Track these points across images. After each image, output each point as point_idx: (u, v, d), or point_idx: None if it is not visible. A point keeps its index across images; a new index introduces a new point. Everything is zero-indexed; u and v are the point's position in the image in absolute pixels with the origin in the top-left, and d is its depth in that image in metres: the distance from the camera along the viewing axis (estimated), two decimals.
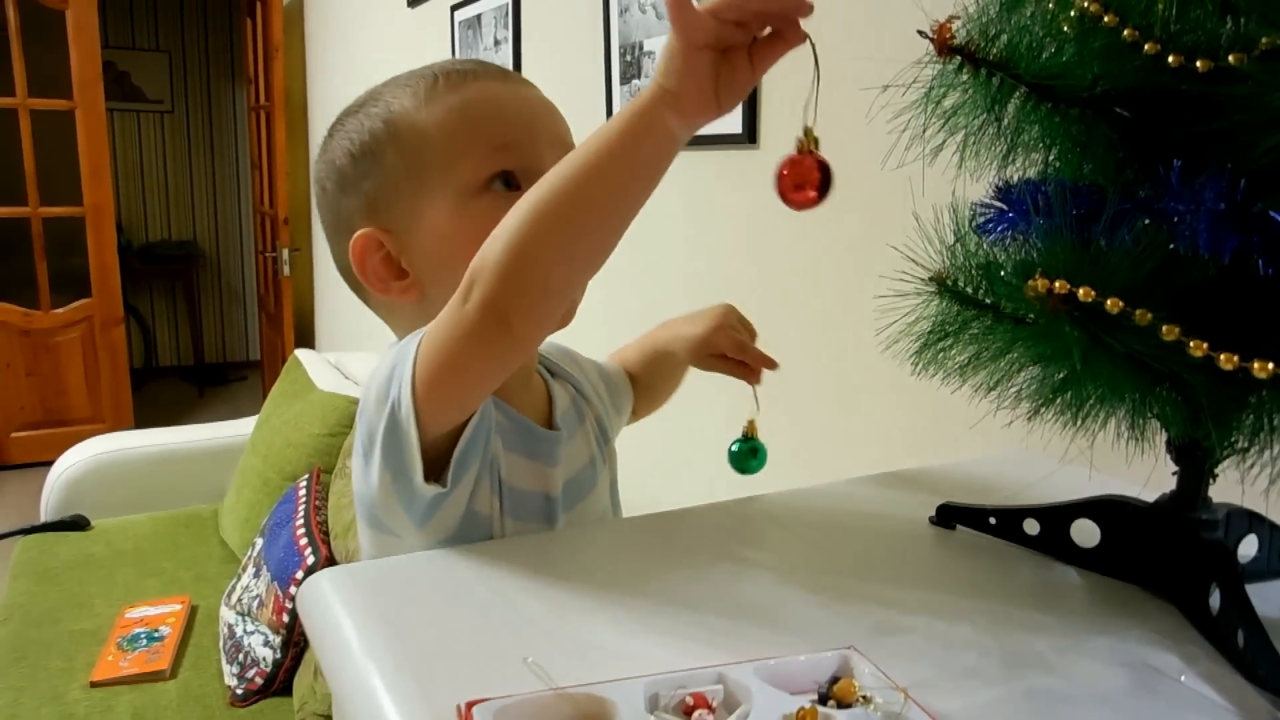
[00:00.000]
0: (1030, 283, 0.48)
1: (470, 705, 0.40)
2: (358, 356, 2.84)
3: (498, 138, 0.71)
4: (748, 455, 0.80)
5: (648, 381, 0.97)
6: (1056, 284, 0.46)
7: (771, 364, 0.86)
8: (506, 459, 0.72)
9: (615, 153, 0.55)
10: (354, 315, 3.54)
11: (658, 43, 1.69)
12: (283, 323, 4.03)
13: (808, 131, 0.55)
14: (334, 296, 3.93)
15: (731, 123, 1.50)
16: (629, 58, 1.79)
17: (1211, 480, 0.60)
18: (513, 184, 0.71)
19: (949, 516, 0.71)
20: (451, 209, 0.71)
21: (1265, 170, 0.41)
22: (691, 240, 1.64)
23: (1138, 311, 0.44)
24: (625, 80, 1.80)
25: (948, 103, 0.52)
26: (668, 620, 0.54)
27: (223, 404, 5.03)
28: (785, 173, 0.55)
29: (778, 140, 1.44)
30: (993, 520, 0.69)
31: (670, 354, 0.94)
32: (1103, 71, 0.48)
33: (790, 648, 0.48)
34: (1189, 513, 0.60)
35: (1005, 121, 0.52)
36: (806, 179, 0.54)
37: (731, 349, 0.86)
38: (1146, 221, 0.46)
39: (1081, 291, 0.45)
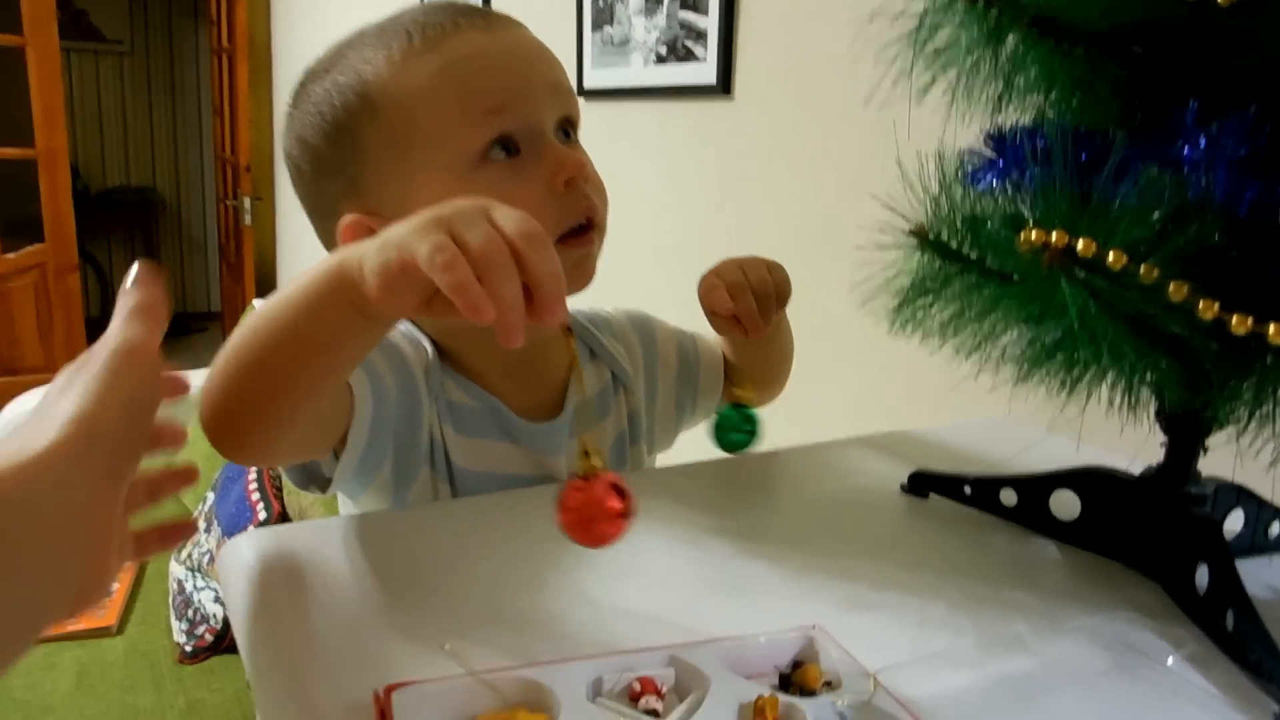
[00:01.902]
0: (1024, 235, 0.44)
1: (389, 690, 0.35)
2: None
3: (489, 100, 0.63)
4: (737, 427, 0.72)
5: (740, 364, 0.83)
6: (1054, 236, 0.42)
7: (755, 328, 0.70)
8: (466, 444, 0.68)
9: (294, 325, 0.47)
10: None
11: None
12: (244, 272, 3.93)
13: (588, 450, 0.45)
14: (297, 246, 3.83)
15: (705, 73, 1.45)
16: (601, 3, 1.72)
17: (1202, 453, 0.56)
18: (513, 149, 0.63)
19: (922, 485, 0.67)
20: (448, 188, 0.61)
21: None
22: (662, 195, 1.59)
23: (1143, 267, 0.40)
24: (597, 26, 1.73)
25: (940, 38, 0.47)
26: (616, 595, 0.50)
27: (183, 354, 4.91)
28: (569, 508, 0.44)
29: (753, 92, 1.38)
30: (968, 490, 0.66)
31: None
32: (1111, 4, 0.43)
33: (749, 626, 0.43)
34: (1177, 486, 0.56)
35: (1002, 60, 0.47)
36: (597, 511, 0.43)
37: (716, 305, 0.69)
38: (1155, 170, 0.41)
39: (1081, 244, 0.41)
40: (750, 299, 0.68)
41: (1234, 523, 0.60)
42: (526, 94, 0.64)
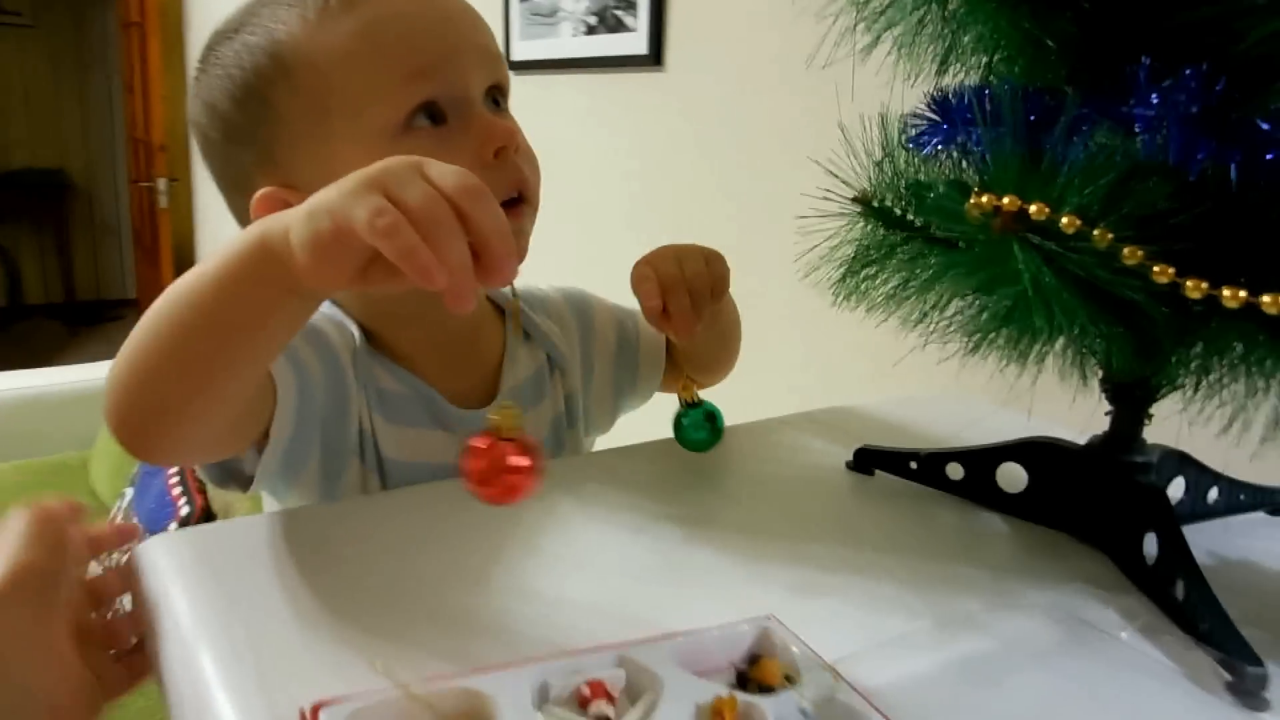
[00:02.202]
0: (973, 201, 0.42)
1: (316, 708, 0.32)
2: None
3: (411, 63, 0.58)
4: (702, 425, 0.66)
5: (681, 348, 0.78)
6: (1005, 200, 0.40)
7: (686, 327, 0.62)
8: (397, 433, 0.64)
9: (210, 306, 0.43)
10: None
11: None
12: (160, 257, 3.79)
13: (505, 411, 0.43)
14: (217, 228, 3.69)
15: (636, 43, 1.41)
16: None
17: (1146, 421, 0.56)
18: (439, 117, 0.59)
19: (867, 461, 0.66)
20: (369, 158, 0.57)
21: (1249, 67, 0.35)
22: (595, 170, 1.56)
23: (1097, 231, 0.39)
24: None
25: None
26: (559, 588, 0.48)
27: (98, 344, 4.74)
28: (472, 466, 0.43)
29: (686, 61, 1.36)
30: (914, 465, 0.65)
31: None
32: None
33: (700, 616, 0.41)
34: (1122, 455, 0.56)
35: (946, 17, 0.45)
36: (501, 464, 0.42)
37: (646, 298, 0.62)
38: (1107, 129, 0.40)
39: (1034, 208, 0.40)
40: (683, 296, 0.62)
41: (1176, 490, 0.60)
42: (453, 58, 0.60)
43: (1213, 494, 0.62)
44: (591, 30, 1.52)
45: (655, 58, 1.39)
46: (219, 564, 0.49)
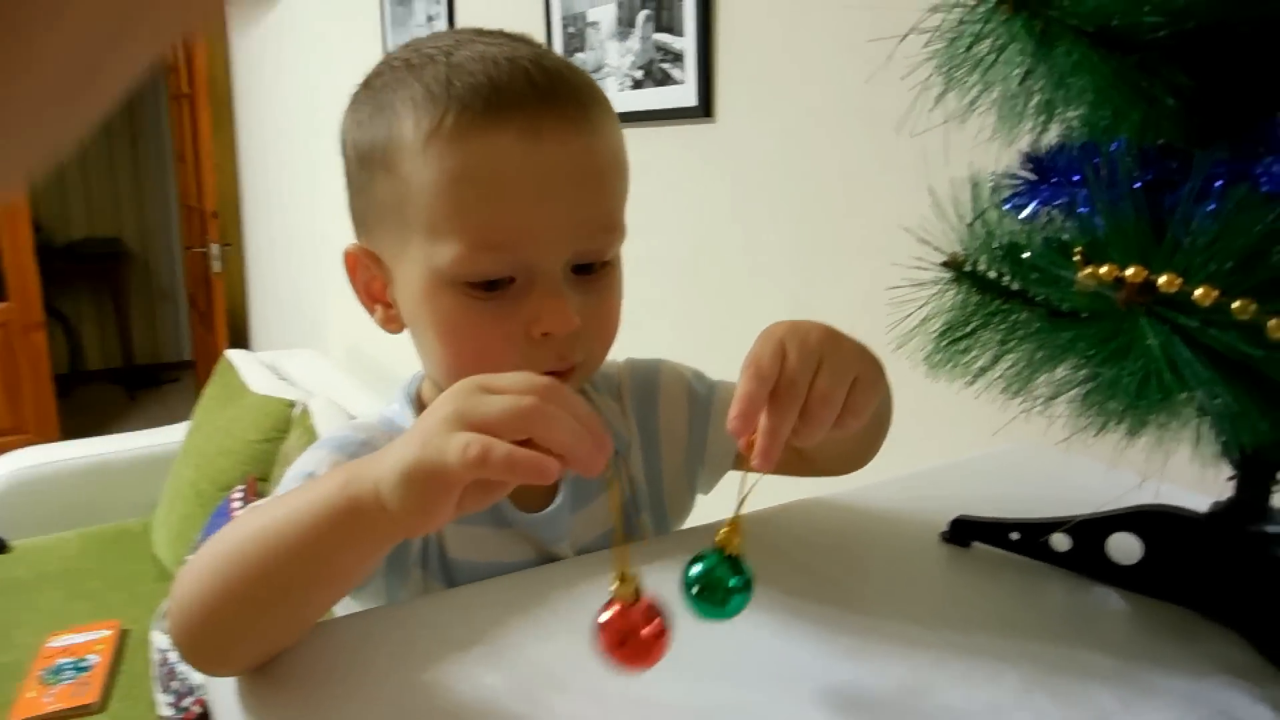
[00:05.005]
0: (1092, 269, 0.39)
1: None
2: (294, 354, 2.70)
3: (488, 232, 0.54)
4: (718, 585, 0.44)
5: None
6: (1130, 271, 0.37)
7: (764, 457, 0.45)
8: (460, 534, 0.62)
9: (301, 561, 0.44)
10: (290, 311, 3.38)
11: (602, 12, 1.58)
12: (215, 321, 3.85)
13: (625, 577, 0.41)
14: (268, 292, 3.75)
15: (685, 95, 1.40)
16: (572, 29, 1.67)
17: (1276, 488, 0.52)
18: (501, 285, 0.56)
19: (965, 533, 0.62)
20: (421, 281, 0.57)
21: None
22: (647, 223, 1.54)
23: (1237, 303, 0.36)
24: (569, 54, 1.69)
25: (976, 50, 0.43)
26: (652, 690, 0.45)
27: (156, 407, 4.83)
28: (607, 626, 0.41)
29: (738, 113, 1.34)
30: (1015, 535, 0.61)
31: None
32: (1175, 6, 0.39)
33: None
34: (1251, 524, 0.52)
35: (1047, 74, 0.42)
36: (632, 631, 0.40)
37: (736, 399, 0.46)
38: (1240, 191, 0.37)
39: (1164, 279, 0.36)
40: (783, 418, 0.45)
41: None
42: (538, 233, 0.55)
43: None
44: (638, 85, 1.52)
45: (705, 109, 1.37)
46: (289, 663, 0.47)
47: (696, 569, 0.44)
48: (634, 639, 0.40)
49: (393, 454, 0.41)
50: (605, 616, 0.40)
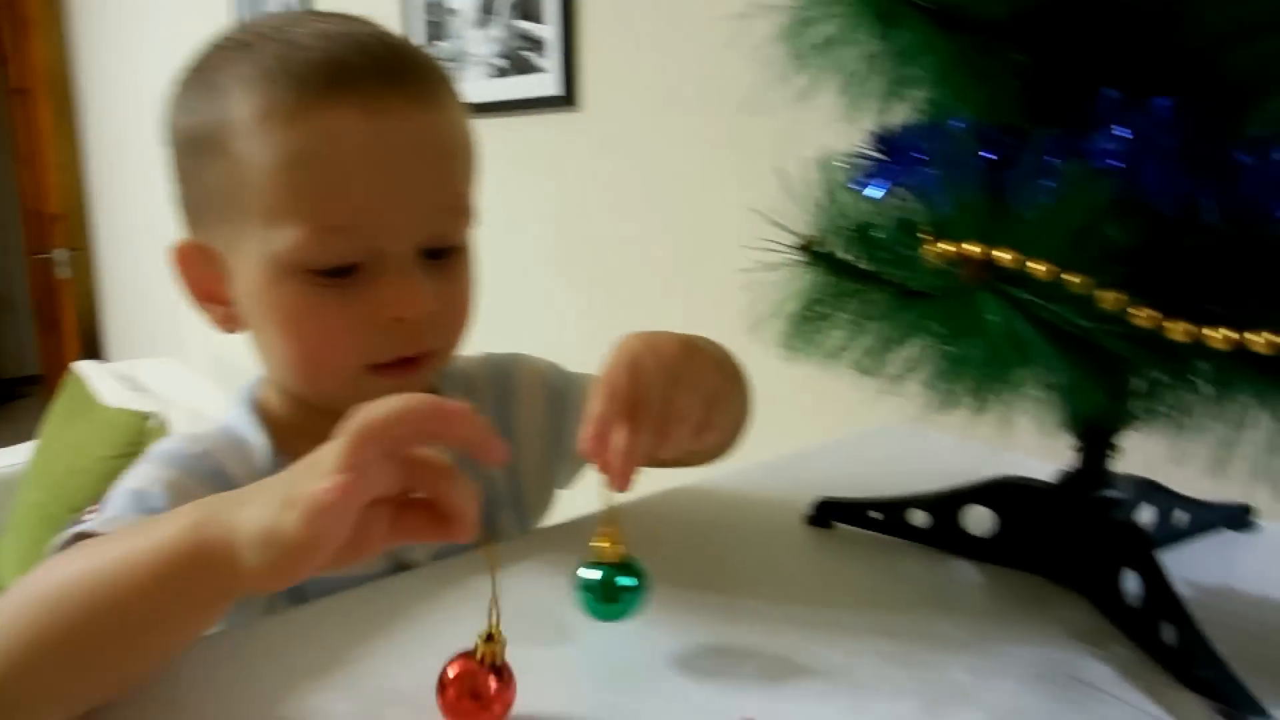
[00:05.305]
0: (935, 246, 0.39)
1: None
2: (152, 364, 2.55)
3: (330, 215, 0.52)
4: (610, 588, 0.47)
5: None
6: (971, 248, 0.38)
7: (619, 477, 0.44)
8: None
9: (144, 585, 0.38)
10: (148, 319, 3.20)
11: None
12: (64, 331, 3.62)
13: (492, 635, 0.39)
14: (123, 299, 3.55)
15: (547, 84, 1.38)
16: (432, 17, 1.63)
17: (1114, 453, 0.54)
18: (347, 271, 0.53)
19: (826, 515, 0.63)
20: (259, 272, 0.54)
21: (1231, 96, 0.33)
22: (510, 216, 1.52)
23: (1073, 277, 0.36)
24: (430, 42, 1.64)
25: (822, 31, 0.43)
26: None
27: (4, 424, 4.50)
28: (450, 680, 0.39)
29: (599, 101, 1.33)
30: (874, 514, 0.62)
31: None
32: None
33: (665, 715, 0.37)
34: (1094, 490, 0.54)
35: (890, 54, 0.43)
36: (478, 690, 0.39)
37: (586, 416, 0.45)
38: (1073, 167, 0.37)
39: (1005, 256, 0.37)
40: (638, 437, 0.43)
41: (1146, 517, 0.59)
42: (384, 214, 0.53)
43: (1178, 517, 0.61)
44: (502, 73, 1.49)
45: (569, 98, 1.36)
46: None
47: (591, 575, 0.46)
48: (476, 702, 0.39)
49: (253, 507, 0.37)
50: (453, 672, 0.39)
